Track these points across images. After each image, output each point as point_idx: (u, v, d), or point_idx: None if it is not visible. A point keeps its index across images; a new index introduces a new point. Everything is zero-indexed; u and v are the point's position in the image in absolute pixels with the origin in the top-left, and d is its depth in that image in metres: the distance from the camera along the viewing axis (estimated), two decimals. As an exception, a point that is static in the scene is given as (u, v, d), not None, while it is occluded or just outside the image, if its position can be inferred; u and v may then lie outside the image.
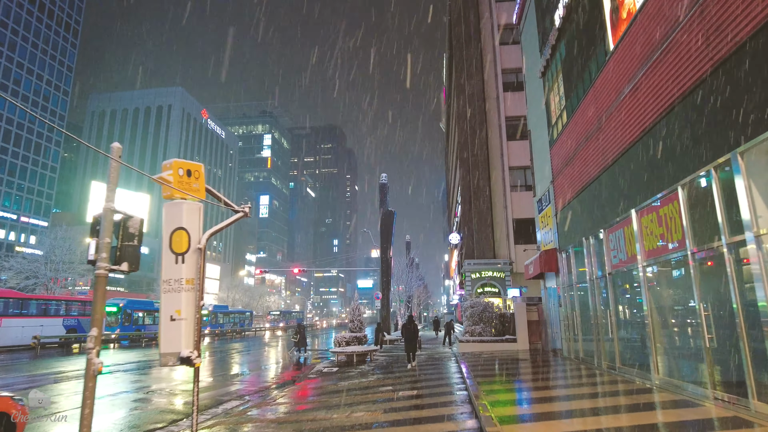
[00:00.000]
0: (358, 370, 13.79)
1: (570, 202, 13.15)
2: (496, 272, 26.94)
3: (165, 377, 13.64)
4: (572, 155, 12.65)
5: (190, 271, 5.40)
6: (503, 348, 17.21)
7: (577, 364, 12.10)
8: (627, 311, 10.04)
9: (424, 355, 17.81)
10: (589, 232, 11.52)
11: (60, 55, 68.58)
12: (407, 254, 49.16)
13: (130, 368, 16.46)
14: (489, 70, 30.54)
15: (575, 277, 13.06)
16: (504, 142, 28.87)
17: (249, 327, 52.64)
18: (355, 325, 19.41)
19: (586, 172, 11.60)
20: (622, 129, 9.36)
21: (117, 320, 30.94)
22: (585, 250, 11.89)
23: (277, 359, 20.85)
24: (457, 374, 11.94)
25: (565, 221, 13.84)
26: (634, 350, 9.55)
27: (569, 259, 13.66)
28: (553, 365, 12.52)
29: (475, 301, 18.97)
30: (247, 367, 17.32)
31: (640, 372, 8.88)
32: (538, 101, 16.63)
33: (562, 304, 14.35)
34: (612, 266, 10.11)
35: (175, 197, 5.61)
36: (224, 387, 11.95)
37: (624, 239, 9.40)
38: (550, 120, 15.26)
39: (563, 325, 14.25)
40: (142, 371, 15.53)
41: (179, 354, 5.10)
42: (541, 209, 16.69)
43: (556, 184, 14.69)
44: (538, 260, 15.39)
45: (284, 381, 12.86)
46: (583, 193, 11.90)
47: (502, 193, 28.43)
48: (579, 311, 12.84)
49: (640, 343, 9.07)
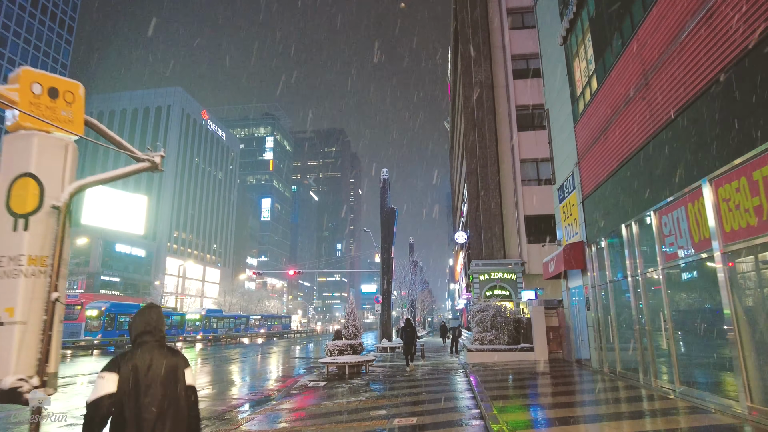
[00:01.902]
0: (349, 385, 11.62)
1: (602, 184, 10.96)
2: (506, 273, 24.68)
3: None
4: (605, 127, 10.48)
5: (36, 245, 3.28)
6: (518, 358, 14.97)
7: (613, 380, 9.86)
8: (692, 316, 7.82)
9: (427, 366, 15.59)
10: (631, 216, 9.32)
11: (54, 52, 67.10)
12: (410, 256, 46.88)
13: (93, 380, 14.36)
14: (498, 56, 28.46)
15: (610, 273, 10.84)
16: (514, 133, 26.72)
17: (246, 332, 50.50)
18: (349, 331, 17.22)
19: (626, 143, 9.42)
20: (683, 77, 7.19)
21: (99, 324, 28.90)
22: (624, 240, 9.69)
23: (267, 370, 18.72)
24: (466, 393, 9.73)
25: (595, 208, 11.65)
26: (705, 368, 7.32)
27: (601, 252, 11.46)
28: (585, 382, 10.28)
29: (485, 304, 16.75)
30: (224, 380, 15.15)
31: (714, 397, 6.65)
32: (557, 75, 14.50)
33: (590, 307, 12.13)
34: (667, 257, 7.90)
35: (26, 128, 3.50)
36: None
37: (687, 221, 7.20)
38: (573, 93, 13.12)
39: (592, 332, 12.02)
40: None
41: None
42: (562, 198, 14.49)
43: (582, 166, 12.50)
44: (560, 256, 13.18)
45: (259, 398, 10.71)
46: (622, 170, 9.72)
47: (513, 188, 26.23)
48: (615, 315, 10.61)
49: (716, 359, 6.84)
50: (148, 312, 2.56)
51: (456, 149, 49.32)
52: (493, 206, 25.98)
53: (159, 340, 2.52)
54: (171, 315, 37.92)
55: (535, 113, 27.45)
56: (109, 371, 2.32)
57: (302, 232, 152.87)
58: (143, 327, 2.49)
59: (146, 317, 2.52)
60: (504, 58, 28.35)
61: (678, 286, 8.14)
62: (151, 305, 2.63)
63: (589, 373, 11.35)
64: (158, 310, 2.62)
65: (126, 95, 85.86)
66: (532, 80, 27.52)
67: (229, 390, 12.41)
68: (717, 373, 6.91)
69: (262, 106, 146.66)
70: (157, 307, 2.65)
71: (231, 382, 14.24)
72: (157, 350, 2.45)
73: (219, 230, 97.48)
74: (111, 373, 2.31)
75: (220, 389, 12.59)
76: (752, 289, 6.26)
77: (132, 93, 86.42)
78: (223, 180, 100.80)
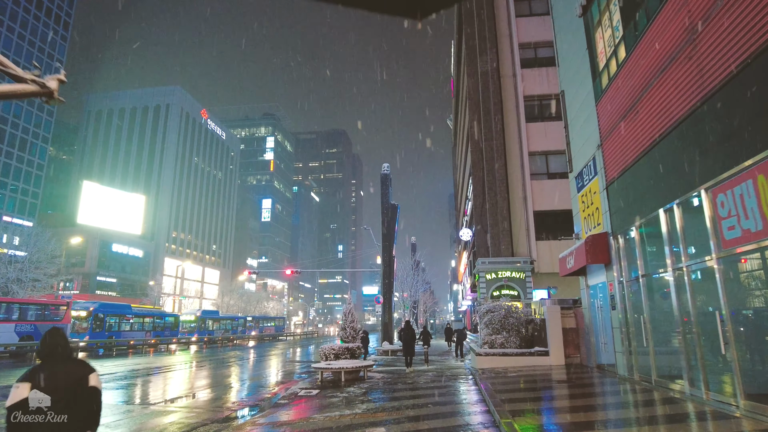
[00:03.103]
0: (344, 393, 10.26)
1: (631, 166, 9.60)
2: (514, 272, 23.31)
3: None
4: (637, 98, 9.13)
5: None
6: (532, 363, 13.59)
7: (649, 391, 8.48)
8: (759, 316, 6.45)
9: (432, 372, 14.21)
10: (672, 198, 7.97)
11: (49, 48, 65.75)
12: (412, 256, 45.48)
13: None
14: (504, 45, 27.14)
15: (643, 267, 9.47)
16: (522, 124, 25.37)
17: (243, 334, 49.13)
18: (347, 333, 15.82)
19: (666, 114, 8.07)
20: (751, 20, 5.84)
21: (87, 326, 27.57)
22: (662, 228, 8.33)
23: (257, 375, 17.40)
24: (478, 405, 8.37)
25: (622, 194, 10.29)
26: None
27: (631, 244, 10.10)
28: (617, 393, 8.90)
29: (495, 304, 15.37)
30: (209, 385, 13.78)
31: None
32: (575, 51, 13.18)
33: (616, 306, 10.76)
34: (725, 244, 6.53)
35: None
36: (154, 419, 8.47)
37: (757, 197, 5.84)
38: (595, 67, 11.79)
39: (618, 334, 10.64)
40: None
41: None
42: (581, 186, 13.13)
43: (606, 148, 11.15)
44: (580, 250, 11.81)
45: (241, 408, 9.36)
46: (659, 147, 8.37)
47: (521, 183, 24.86)
48: (649, 315, 9.23)
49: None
50: (52, 336, 3.01)
51: (459, 146, 47.98)
52: (500, 201, 24.62)
53: (65, 354, 3.01)
54: (164, 316, 36.55)
55: (544, 104, 26.14)
56: (23, 381, 2.76)
57: (303, 234, 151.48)
58: (51, 348, 2.96)
59: (53, 340, 2.99)
60: (511, 46, 27.03)
61: (740, 280, 6.77)
62: (55, 330, 3.08)
63: (616, 381, 9.97)
64: (62, 333, 3.09)
65: (124, 94, 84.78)
66: (540, 69, 26.23)
67: (208, 399, 11.07)
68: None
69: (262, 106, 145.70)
70: (60, 331, 3.11)
71: (214, 389, 12.89)
72: (62, 362, 2.96)
73: (219, 231, 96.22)
74: (25, 382, 2.76)
75: (199, 398, 11.25)
76: None
77: (130, 92, 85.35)
78: (223, 180, 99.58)
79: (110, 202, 65.94)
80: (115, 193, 68.09)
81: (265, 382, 14.72)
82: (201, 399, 11.06)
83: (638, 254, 9.60)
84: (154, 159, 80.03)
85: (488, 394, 8.63)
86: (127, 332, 30.75)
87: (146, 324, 33.77)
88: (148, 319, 34.41)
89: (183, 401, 10.67)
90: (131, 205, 69.45)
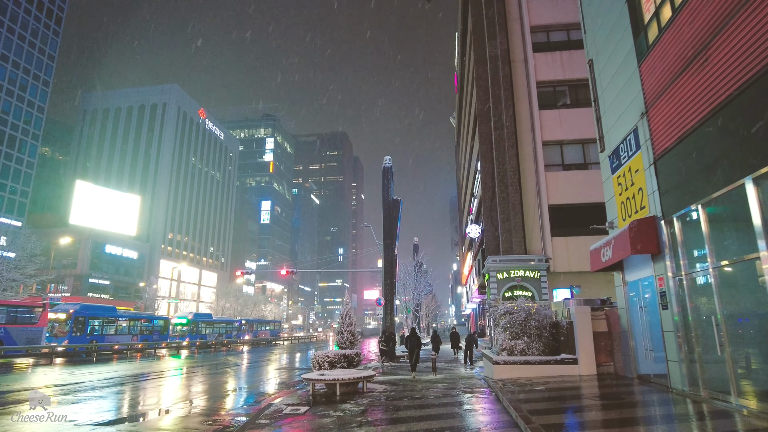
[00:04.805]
0: (338, 412, 8.35)
1: (696, 129, 7.72)
2: (528, 271, 21.36)
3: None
4: (710, 37, 7.24)
5: None
6: (559, 373, 11.65)
7: (729, 414, 6.55)
8: None
9: (442, 384, 12.24)
10: (760, 166, 6.07)
11: (41, 43, 63.92)
12: (415, 256, 43.53)
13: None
14: (515, 28, 25.31)
15: (714, 255, 7.55)
16: (535, 112, 23.50)
17: (239, 338, 47.11)
18: (344, 338, 13.95)
19: (751, 59, 6.18)
20: None
21: (67, 330, 25.63)
22: (753, 201, 6.41)
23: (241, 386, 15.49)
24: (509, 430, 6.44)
25: (677, 168, 8.40)
26: None
27: (691, 228, 8.20)
28: (692, 418, 6.96)
29: (514, 305, 13.44)
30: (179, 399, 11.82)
31: None
32: (608, 8, 11.34)
33: (668, 305, 8.83)
34: None
35: None
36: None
37: None
38: (638, 20, 9.94)
39: (673, 339, 8.71)
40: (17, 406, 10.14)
41: None
42: (617, 166, 11.23)
43: (653, 114, 9.26)
44: (621, 238, 9.88)
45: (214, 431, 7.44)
46: (746, 94, 6.47)
47: (534, 175, 22.94)
48: (723, 316, 7.30)
49: None
50: None
51: (463, 143, 46.09)
52: (512, 194, 22.70)
53: None
54: (153, 320, 34.55)
55: (558, 90, 24.30)
56: None
57: (303, 236, 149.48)
58: None
59: None
60: (522, 30, 25.20)
61: None
62: None
63: (675, 398, 8.03)
64: None
65: (120, 93, 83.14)
66: (554, 54, 24.41)
67: (165, 419, 9.13)
68: None
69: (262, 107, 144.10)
70: None
71: (182, 404, 10.95)
72: None
73: (216, 233, 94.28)
74: None
75: (151, 418, 9.30)
76: None
77: (126, 90, 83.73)
78: (221, 181, 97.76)
79: (104, 203, 64.10)
80: (109, 193, 66.28)
81: (248, 394, 12.78)
82: (154, 419, 9.11)
83: (706, 240, 7.68)
84: (150, 159, 78.24)
85: (522, 419, 6.70)
86: (111, 336, 28.79)
87: (133, 327, 31.82)
88: (135, 322, 32.46)
89: (132, 422, 8.75)
90: (126, 205, 67.62)
